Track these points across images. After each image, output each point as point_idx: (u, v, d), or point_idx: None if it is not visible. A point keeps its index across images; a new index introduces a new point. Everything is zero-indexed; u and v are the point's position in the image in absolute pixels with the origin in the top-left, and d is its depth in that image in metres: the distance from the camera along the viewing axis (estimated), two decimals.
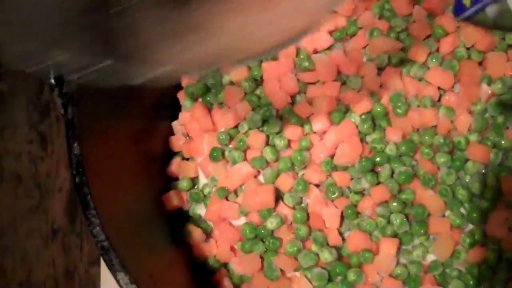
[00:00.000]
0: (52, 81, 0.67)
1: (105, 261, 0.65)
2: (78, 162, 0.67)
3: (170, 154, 0.92)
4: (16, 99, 0.86)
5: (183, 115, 0.91)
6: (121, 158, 0.80)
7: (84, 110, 0.70)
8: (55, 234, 0.98)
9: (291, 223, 0.82)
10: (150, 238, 0.81)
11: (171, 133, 0.92)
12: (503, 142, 0.81)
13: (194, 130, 0.89)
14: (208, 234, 0.85)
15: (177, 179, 0.89)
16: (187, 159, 0.90)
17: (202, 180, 0.88)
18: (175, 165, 0.89)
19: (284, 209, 0.82)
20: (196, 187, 0.89)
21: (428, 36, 0.88)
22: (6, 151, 0.97)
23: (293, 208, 0.82)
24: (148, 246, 0.79)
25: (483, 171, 0.81)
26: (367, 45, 0.88)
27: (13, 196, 0.96)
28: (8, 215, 0.96)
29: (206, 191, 0.86)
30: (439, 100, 0.85)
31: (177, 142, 0.90)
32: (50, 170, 0.99)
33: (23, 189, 0.98)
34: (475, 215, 0.79)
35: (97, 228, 0.65)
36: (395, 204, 0.79)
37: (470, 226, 0.81)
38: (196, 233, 0.84)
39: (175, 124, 0.92)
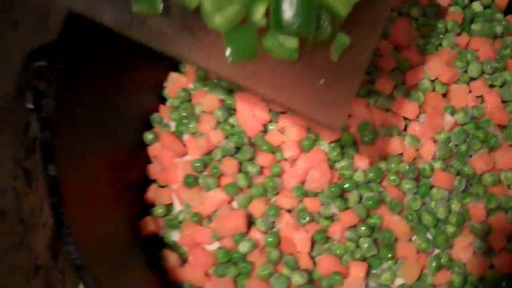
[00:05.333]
0: (31, 105, 0.70)
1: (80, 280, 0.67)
2: (54, 183, 0.69)
3: (148, 181, 0.94)
4: (2, 136, 0.88)
5: (152, 149, 0.94)
6: (98, 183, 0.83)
7: (61, 135, 0.72)
8: (37, 270, 0.98)
9: (263, 248, 0.84)
10: (126, 261, 0.83)
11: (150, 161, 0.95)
12: (466, 170, 0.85)
13: (167, 158, 0.91)
14: (183, 260, 0.87)
15: (154, 205, 0.92)
16: (163, 187, 0.92)
17: (177, 206, 0.91)
18: (152, 192, 0.91)
19: (256, 234, 0.84)
20: (171, 213, 0.91)
21: (394, 69, 0.92)
22: None
23: (265, 232, 0.84)
24: (124, 269, 0.81)
25: (448, 197, 0.84)
26: None
27: None
28: None
29: (181, 217, 0.88)
30: (405, 129, 0.89)
31: (153, 170, 0.93)
32: (34, 206, 0.99)
33: (7, 225, 0.98)
34: (440, 239, 0.82)
35: (71, 246, 0.67)
36: (363, 228, 0.82)
37: (436, 251, 0.84)
38: (172, 258, 0.86)
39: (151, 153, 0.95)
